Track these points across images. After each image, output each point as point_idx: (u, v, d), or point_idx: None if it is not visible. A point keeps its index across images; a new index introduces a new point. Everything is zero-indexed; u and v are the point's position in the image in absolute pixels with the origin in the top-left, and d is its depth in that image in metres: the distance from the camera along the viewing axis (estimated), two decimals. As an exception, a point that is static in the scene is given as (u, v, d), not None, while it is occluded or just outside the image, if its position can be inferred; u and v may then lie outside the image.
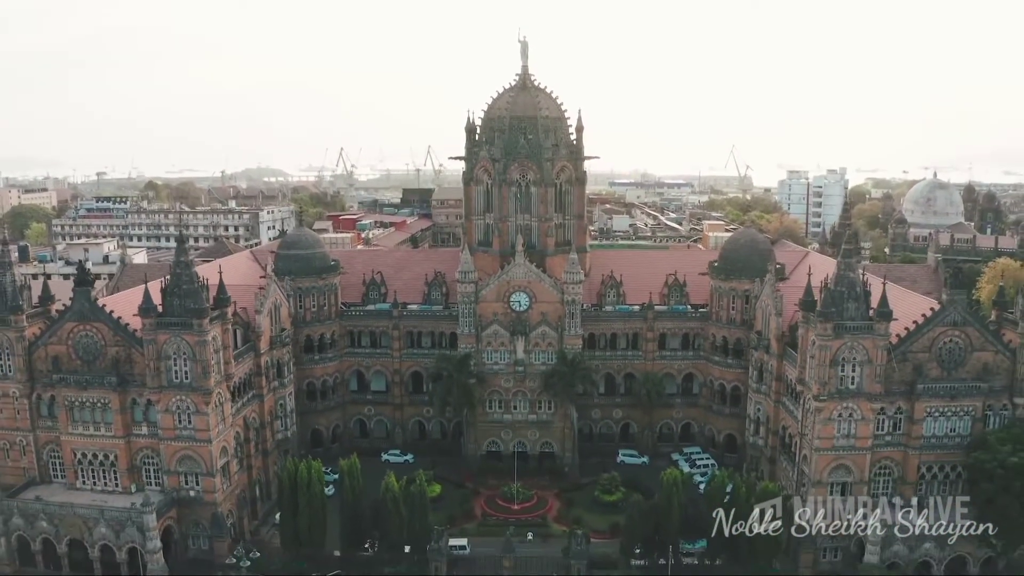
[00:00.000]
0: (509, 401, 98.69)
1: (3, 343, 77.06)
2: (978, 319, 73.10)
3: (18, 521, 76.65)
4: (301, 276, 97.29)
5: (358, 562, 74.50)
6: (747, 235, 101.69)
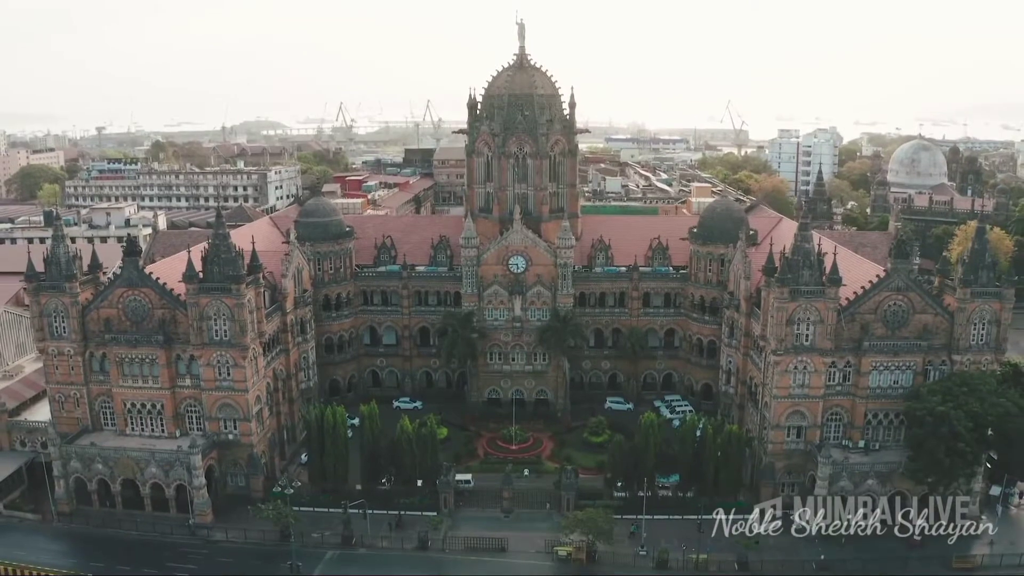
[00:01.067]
0: (508, 353, 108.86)
1: (59, 308, 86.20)
2: (919, 285, 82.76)
3: (76, 464, 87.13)
4: (319, 242, 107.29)
5: (376, 494, 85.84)
6: (723, 204, 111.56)
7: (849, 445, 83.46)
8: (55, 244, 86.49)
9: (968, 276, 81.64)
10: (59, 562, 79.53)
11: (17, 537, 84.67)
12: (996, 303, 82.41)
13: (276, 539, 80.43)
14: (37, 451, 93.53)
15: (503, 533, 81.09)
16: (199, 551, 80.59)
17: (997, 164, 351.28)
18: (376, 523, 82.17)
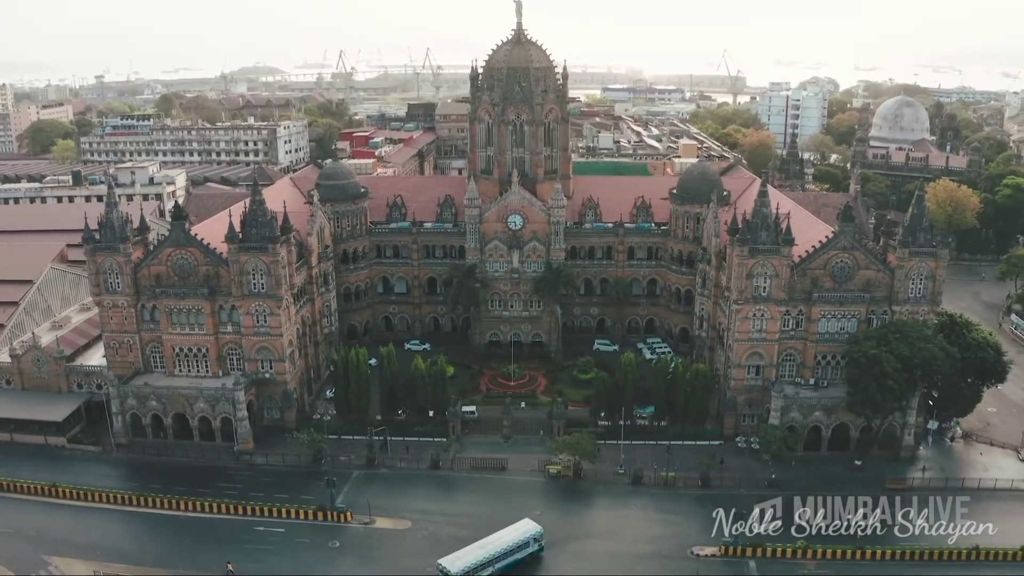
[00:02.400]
0: (507, 301, 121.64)
1: (114, 266, 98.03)
2: (862, 245, 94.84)
3: (132, 402, 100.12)
4: (338, 202, 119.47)
5: (394, 423, 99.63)
6: (700, 167, 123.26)
7: (801, 382, 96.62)
8: (108, 210, 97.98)
9: (907, 237, 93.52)
10: (122, 485, 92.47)
11: (82, 467, 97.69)
12: (932, 261, 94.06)
13: (309, 462, 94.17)
14: (93, 392, 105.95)
15: (503, 455, 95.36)
16: (243, 473, 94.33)
17: (985, 117, 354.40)
18: (395, 447, 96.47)
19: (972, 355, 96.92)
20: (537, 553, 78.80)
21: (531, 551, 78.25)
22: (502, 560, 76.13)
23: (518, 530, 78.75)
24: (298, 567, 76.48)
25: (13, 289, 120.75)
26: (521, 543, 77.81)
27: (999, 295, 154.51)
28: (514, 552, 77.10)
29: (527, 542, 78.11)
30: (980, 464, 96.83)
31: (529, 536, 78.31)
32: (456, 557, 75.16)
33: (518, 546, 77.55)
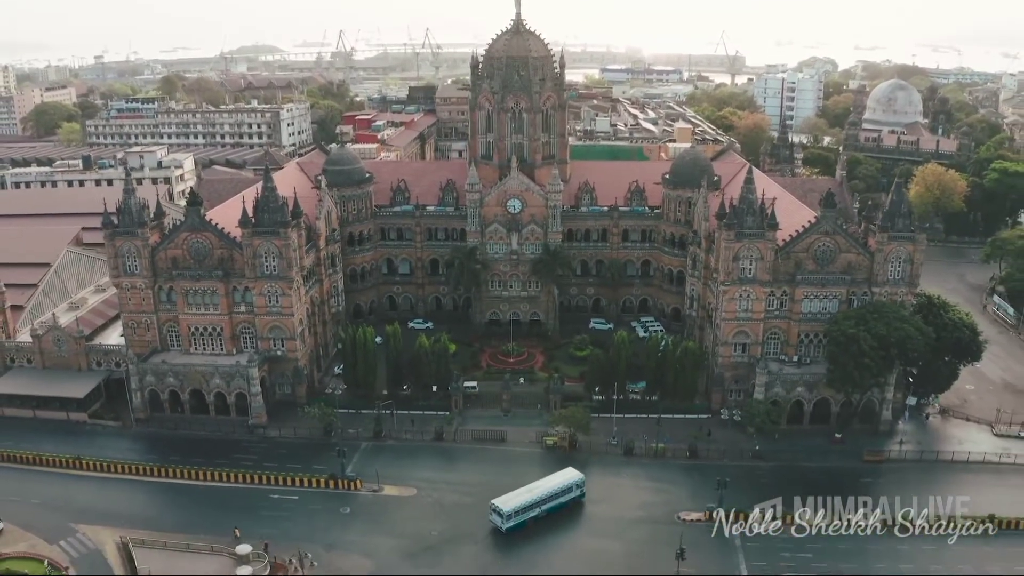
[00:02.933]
0: (506, 281, 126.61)
1: (132, 250, 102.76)
2: (843, 230, 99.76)
3: (150, 378, 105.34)
4: (344, 186, 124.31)
5: (399, 398, 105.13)
6: (692, 153, 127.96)
7: (784, 359, 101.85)
8: (126, 196, 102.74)
9: (886, 223, 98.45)
10: (142, 458, 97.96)
11: (103, 440, 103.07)
12: (910, 245, 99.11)
13: (320, 434, 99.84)
14: (112, 369, 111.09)
15: (503, 427, 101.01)
16: (258, 445, 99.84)
17: (980, 99, 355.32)
18: (400, 420, 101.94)
19: (949, 335, 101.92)
20: (579, 498, 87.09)
21: (574, 496, 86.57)
22: (548, 503, 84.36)
23: (563, 477, 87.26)
24: (312, 532, 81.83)
25: (31, 272, 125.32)
26: (565, 488, 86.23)
27: (984, 277, 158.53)
28: (559, 496, 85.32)
29: (570, 487, 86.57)
30: (955, 438, 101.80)
31: (572, 483, 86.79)
32: (507, 498, 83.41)
33: (562, 491, 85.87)
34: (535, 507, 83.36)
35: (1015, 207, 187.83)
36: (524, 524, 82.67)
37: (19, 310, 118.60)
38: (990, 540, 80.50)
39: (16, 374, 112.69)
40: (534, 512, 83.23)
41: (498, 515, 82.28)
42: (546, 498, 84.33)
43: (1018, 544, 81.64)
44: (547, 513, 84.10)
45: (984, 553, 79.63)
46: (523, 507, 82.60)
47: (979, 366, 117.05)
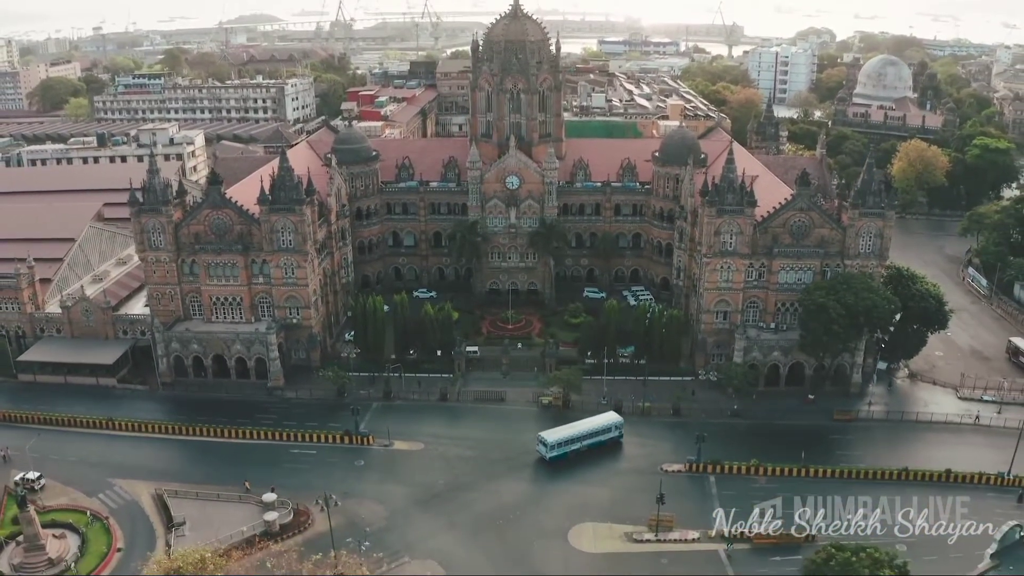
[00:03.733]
0: (505, 253, 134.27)
1: (157, 226, 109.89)
2: (818, 206, 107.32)
3: (175, 345, 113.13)
4: (352, 164, 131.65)
5: (407, 362, 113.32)
6: (680, 133, 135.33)
7: (762, 326, 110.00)
8: (151, 176, 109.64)
9: (858, 200, 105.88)
10: (170, 418, 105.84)
11: (132, 403, 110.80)
12: (880, 221, 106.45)
13: (334, 395, 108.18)
14: (137, 337, 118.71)
15: (502, 388, 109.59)
16: (277, 406, 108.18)
17: (973, 73, 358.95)
18: (408, 382, 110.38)
19: (916, 304, 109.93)
20: (617, 439, 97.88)
21: (612, 436, 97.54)
22: (588, 439, 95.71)
23: (604, 418, 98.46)
24: (330, 482, 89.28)
25: (57, 246, 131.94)
26: (605, 428, 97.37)
27: (962, 249, 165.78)
28: (598, 435, 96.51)
29: (610, 428, 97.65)
30: (921, 400, 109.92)
31: (612, 424, 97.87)
32: (552, 431, 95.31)
33: (602, 430, 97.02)
34: (576, 441, 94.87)
35: (997, 182, 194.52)
36: (566, 455, 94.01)
37: (47, 283, 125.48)
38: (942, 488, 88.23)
39: (47, 343, 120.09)
40: (575, 446, 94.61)
41: (543, 445, 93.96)
42: (587, 435, 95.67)
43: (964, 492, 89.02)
44: (587, 448, 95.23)
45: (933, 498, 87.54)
46: (565, 440, 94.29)
47: (949, 334, 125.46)
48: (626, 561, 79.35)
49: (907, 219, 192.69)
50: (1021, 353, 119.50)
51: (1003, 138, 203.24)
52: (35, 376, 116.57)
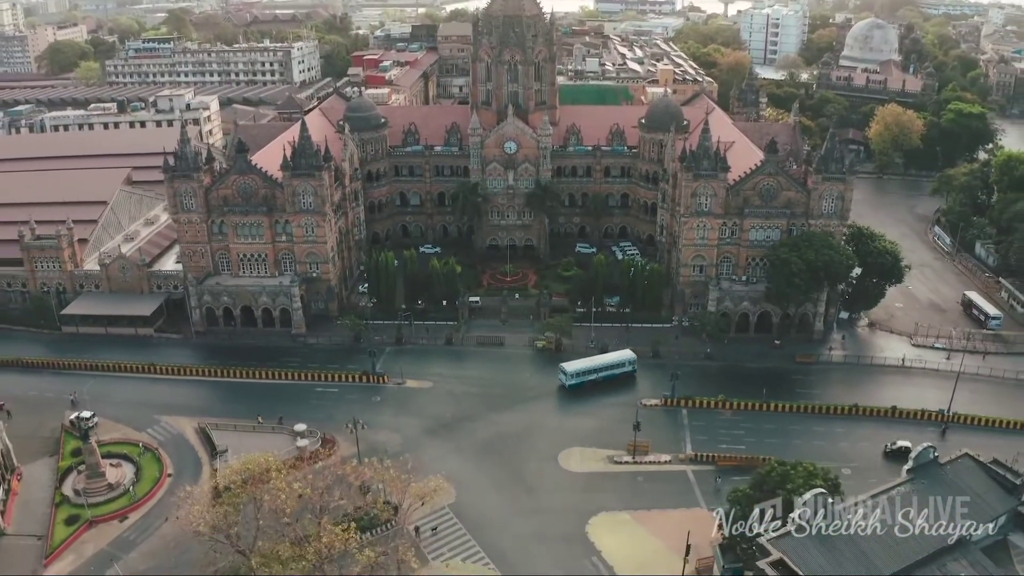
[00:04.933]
0: (504, 212, 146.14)
1: (189, 191, 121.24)
2: (784, 172, 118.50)
3: (207, 298, 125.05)
4: (363, 131, 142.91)
5: (415, 311, 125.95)
6: (665, 101, 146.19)
7: (735, 279, 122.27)
8: (183, 145, 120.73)
9: (820, 166, 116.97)
10: (204, 363, 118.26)
11: (169, 350, 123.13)
12: (841, 185, 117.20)
13: (351, 341, 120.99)
14: (170, 291, 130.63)
15: (501, 334, 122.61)
16: (300, 351, 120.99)
17: (963, 34, 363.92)
18: (417, 329, 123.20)
19: (875, 260, 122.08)
20: (631, 372, 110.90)
21: (626, 370, 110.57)
22: (604, 371, 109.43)
23: (619, 355, 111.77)
24: (350, 415, 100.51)
25: (91, 209, 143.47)
26: (619, 363, 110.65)
27: (932, 208, 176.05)
28: (613, 368, 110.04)
29: (624, 363, 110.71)
30: (878, 347, 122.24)
31: (626, 359, 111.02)
32: (572, 363, 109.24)
33: (617, 364, 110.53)
34: (592, 373, 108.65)
35: (971, 145, 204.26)
36: (583, 384, 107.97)
37: (84, 243, 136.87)
38: (888, 423, 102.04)
39: (87, 298, 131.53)
40: (592, 376, 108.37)
41: (564, 374, 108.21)
42: (602, 368, 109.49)
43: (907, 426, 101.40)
44: (603, 379, 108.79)
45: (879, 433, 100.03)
46: (583, 371, 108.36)
47: (910, 287, 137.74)
48: (607, 479, 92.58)
49: (884, 179, 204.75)
50: (974, 306, 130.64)
51: (978, 103, 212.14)
52: (78, 328, 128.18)
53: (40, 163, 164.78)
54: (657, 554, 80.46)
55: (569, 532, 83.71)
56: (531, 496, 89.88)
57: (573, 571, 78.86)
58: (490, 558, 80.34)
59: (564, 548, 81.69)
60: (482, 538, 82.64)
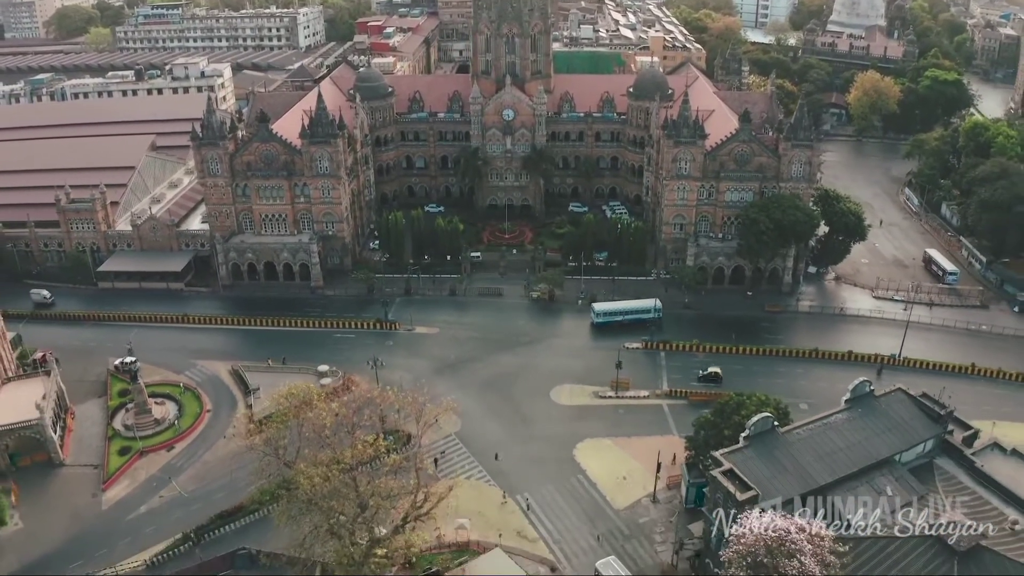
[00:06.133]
0: (502, 174, 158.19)
1: (215, 157, 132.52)
2: (757, 139, 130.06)
3: (233, 254, 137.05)
4: (372, 99, 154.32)
5: (423, 265, 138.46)
6: (651, 72, 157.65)
7: (712, 236, 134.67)
8: (208, 115, 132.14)
9: (790, 134, 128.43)
10: (232, 313, 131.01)
11: (199, 303, 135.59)
12: (809, 151, 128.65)
13: (365, 292, 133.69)
14: (198, 249, 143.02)
15: (500, 285, 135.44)
16: (319, 302, 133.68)
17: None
18: (424, 281, 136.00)
19: (840, 220, 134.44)
20: (656, 318, 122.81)
21: (651, 316, 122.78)
22: (629, 315, 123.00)
23: (645, 301, 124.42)
24: (367, 357, 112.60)
25: (120, 173, 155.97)
26: (645, 309, 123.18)
27: (906, 171, 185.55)
28: (638, 312, 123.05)
29: (648, 309, 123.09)
30: (841, 298, 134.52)
31: (650, 306, 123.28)
32: (601, 304, 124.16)
33: (642, 310, 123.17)
34: (619, 314, 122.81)
35: (949, 109, 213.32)
36: (609, 323, 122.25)
37: (115, 205, 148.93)
38: (844, 365, 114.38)
39: (120, 255, 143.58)
40: (618, 317, 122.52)
41: (594, 313, 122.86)
42: (628, 311, 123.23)
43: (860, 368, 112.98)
44: (629, 321, 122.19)
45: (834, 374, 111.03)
46: (609, 311, 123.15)
47: (877, 244, 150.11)
48: (593, 411, 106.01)
49: (863, 142, 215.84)
50: (933, 262, 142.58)
51: (955, 70, 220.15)
52: (113, 283, 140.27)
53: (67, 130, 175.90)
54: (634, 472, 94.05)
55: (559, 455, 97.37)
56: (526, 425, 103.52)
57: (562, 487, 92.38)
58: (491, 477, 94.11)
59: (555, 468, 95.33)
60: (485, 460, 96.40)
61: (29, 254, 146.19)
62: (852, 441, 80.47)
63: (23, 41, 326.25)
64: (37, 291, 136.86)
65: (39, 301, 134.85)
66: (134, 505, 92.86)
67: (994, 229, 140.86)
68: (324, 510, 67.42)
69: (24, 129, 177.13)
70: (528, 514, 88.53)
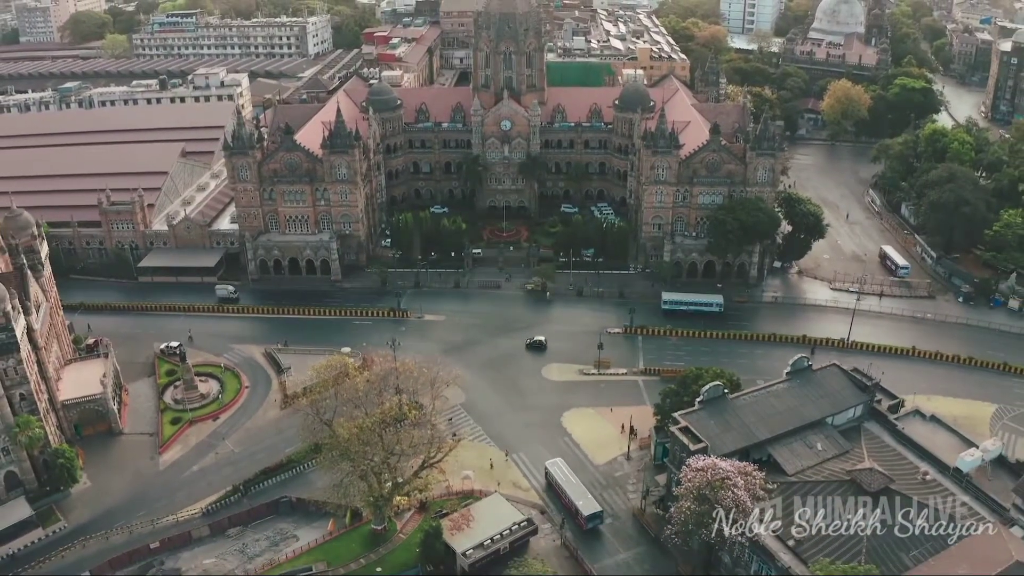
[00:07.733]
0: (500, 178, 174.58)
1: (244, 164, 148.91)
2: (726, 149, 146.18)
3: (261, 251, 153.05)
4: (383, 111, 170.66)
5: (430, 260, 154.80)
6: (635, 85, 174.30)
7: (687, 235, 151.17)
8: (238, 127, 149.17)
9: (755, 144, 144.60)
10: (262, 304, 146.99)
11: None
12: (772, 159, 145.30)
13: (379, 285, 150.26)
14: (228, 247, 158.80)
15: (499, 279, 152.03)
16: (338, 293, 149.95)
17: (936, 1, 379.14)
18: (431, 275, 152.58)
19: (801, 220, 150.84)
20: (719, 312, 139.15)
21: (713, 310, 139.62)
22: (693, 305, 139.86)
23: (709, 296, 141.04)
24: (382, 341, 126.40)
25: (155, 178, 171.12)
26: (707, 302, 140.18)
27: (872, 173, 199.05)
28: (701, 305, 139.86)
29: (711, 303, 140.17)
30: (802, 290, 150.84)
31: (713, 301, 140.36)
32: (669, 293, 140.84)
33: (705, 303, 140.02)
34: (684, 304, 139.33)
35: (920, 114, 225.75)
36: (675, 311, 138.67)
37: (151, 208, 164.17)
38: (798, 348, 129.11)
39: (158, 253, 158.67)
40: (682, 307, 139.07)
41: (662, 301, 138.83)
42: (692, 302, 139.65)
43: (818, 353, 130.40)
44: (693, 312, 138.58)
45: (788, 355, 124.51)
46: (675, 300, 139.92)
47: (839, 241, 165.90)
48: (578, 386, 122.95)
49: (836, 146, 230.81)
50: (888, 257, 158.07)
51: (923, 78, 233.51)
52: (152, 278, 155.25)
53: (102, 136, 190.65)
54: (612, 436, 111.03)
55: (549, 422, 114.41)
56: (521, 397, 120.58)
57: (552, 447, 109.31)
58: (492, 439, 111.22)
59: (545, 432, 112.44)
60: (486, 426, 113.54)
61: (72, 251, 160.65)
62: (790, 405, 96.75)
63: (39, 45, 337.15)
64: (222, 286, 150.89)
65: (224, 296, 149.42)
66: (187, 465, 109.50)
67: (942, 228, 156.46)
68: (357, 456, 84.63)
69: (61, 135, 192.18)
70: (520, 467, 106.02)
